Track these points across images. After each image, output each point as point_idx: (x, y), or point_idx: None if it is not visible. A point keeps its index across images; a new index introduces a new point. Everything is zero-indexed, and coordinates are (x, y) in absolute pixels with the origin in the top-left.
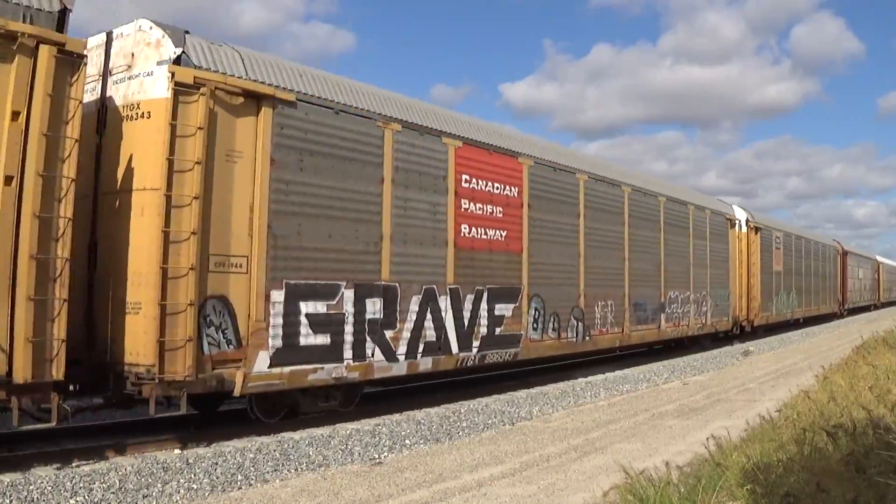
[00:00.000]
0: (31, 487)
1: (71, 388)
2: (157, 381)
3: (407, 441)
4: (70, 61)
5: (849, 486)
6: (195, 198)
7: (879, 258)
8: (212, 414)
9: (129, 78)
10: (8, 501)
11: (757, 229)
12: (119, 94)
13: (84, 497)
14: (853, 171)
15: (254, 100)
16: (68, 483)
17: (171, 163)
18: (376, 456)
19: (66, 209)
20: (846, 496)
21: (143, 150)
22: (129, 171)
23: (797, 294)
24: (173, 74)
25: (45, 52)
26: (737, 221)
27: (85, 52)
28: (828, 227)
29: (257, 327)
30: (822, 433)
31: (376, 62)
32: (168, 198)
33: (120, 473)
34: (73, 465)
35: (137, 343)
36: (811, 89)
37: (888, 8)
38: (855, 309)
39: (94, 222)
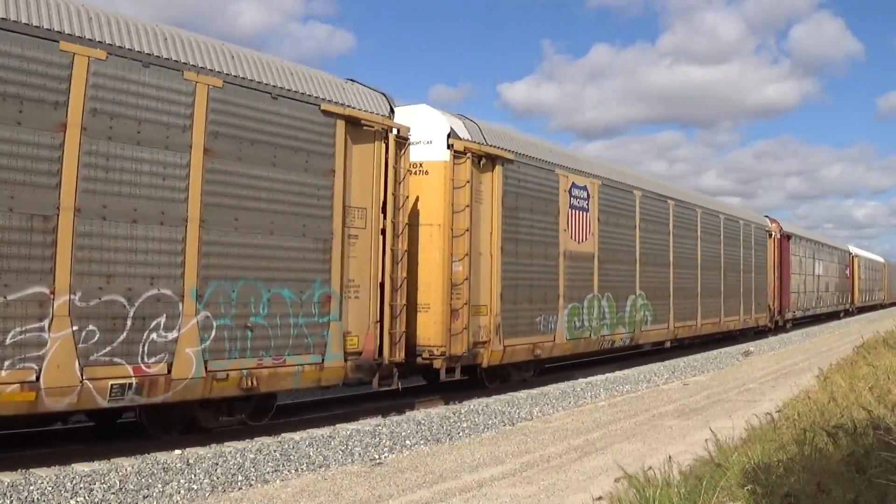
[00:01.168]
0: (31, 488)
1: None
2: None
3: (407, 441)
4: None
5: (849, 486)
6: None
7: (854, 249)
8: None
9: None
10: (8, 502)
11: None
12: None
13: (84, 497)
14: (853, 172)
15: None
16: (68, 483)
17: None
18: (377, 456)
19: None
20: (847, 496)
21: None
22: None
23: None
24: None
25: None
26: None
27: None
28: (827, 226)
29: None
30: (823, 433)
31: (375, 62)
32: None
33: (120, 474)
34: (74, 465)
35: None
36: (810, 89)
37: (887, 8)
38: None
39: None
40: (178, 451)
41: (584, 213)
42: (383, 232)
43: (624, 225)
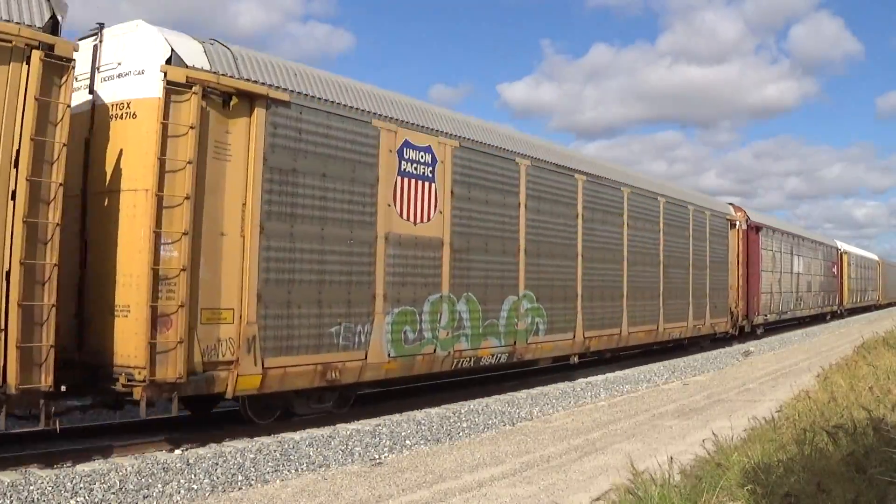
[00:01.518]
0: (31, 488)
1: None
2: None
3: (407, 441)
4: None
5: (849, 486)
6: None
7: (844, 245)
8: None
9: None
10: (8, 502)
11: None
12: None
13: (84, 497)
14: (852, 172)
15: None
16: (69, 483)
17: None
18: (377, 456)
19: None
20: (847, 496)
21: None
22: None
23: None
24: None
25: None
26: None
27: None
28: (827, 226)
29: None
30: (823, 433)
31: (375, 62)
32: None
33: (120, 474)
34: (73, 465)
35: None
36: (810, 89)
37: (886, 8)
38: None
39: None
40: (178, 451)
41: (427, 185)
42: (13, 196)
43: (498, 203)
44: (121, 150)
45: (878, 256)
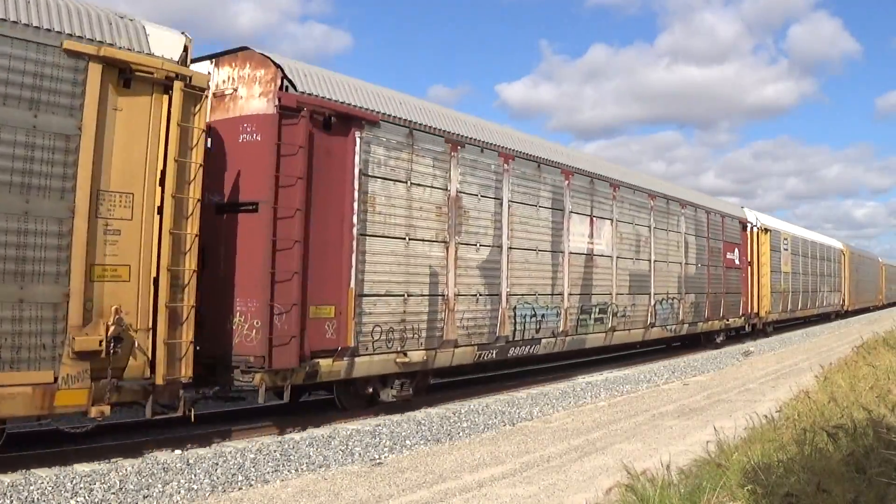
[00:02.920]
0: (31, 488)
1: None
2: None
3: (407, 441)
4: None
5: (849, 486)
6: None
7: (763, 217)
8: None
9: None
10: (8, 502)
11: None
12: None
13: (84, 497)
14: (852, 172)
15: None
16: (69, 483)
17: None
18: (377, 456)
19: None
20: (846, 496)
21: None
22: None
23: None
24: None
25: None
26: None
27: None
28: (827, 227)
29: None
30: (823, 433)
31: (373, 63)
32: None
33: (120, 474)
34: (74, 465)
35: None
36: (808, 89)
37: (885, 8)
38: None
39: None
40: (178, 451)
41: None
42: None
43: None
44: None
45: (842, 244)
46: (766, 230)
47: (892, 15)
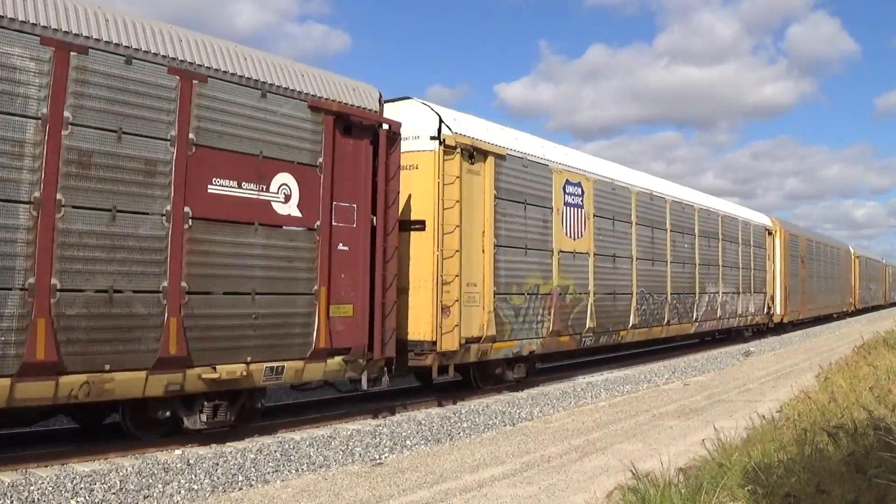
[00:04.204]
0: (31, 488)
1: None
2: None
3: (408, 442)
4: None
5: (849, 486)
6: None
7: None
8: None
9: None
10: (8, 502)
11: None
12: None
13: (85, 497)
14: (851, 172)
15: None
16: (69, 483)
17: None
18: (377, 457)
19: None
20: (847, 497)
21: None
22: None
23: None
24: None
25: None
26: None
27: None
28: (826, 227)
29: None
30: (823, 434)
31: (372, 63)
32: None
33: (121, 474)
34: (74, 465)
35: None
36: (807, 89)
37: (883, 8)
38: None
39: None
40: (178, 451)
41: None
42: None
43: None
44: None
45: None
46: None
47: (890, 15)
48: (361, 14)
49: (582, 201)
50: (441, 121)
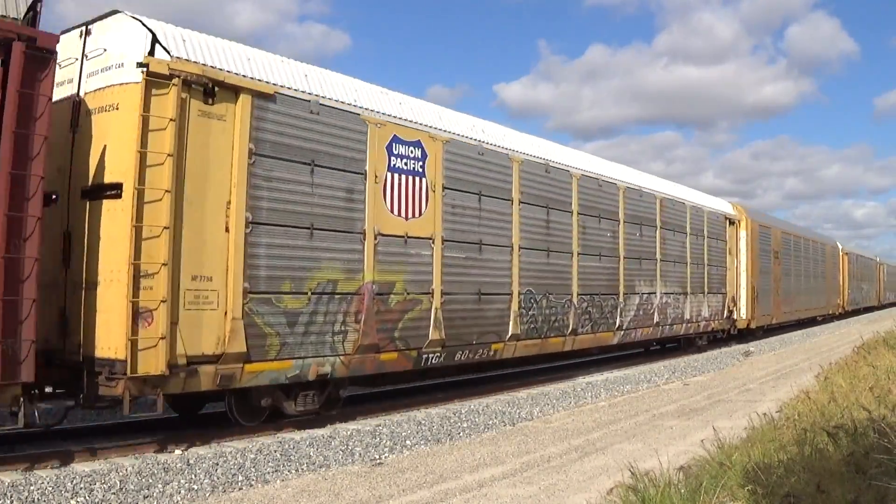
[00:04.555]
0: (31, 488)
1: None
2: None
3: (408, 441)
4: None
5: (849, 486)
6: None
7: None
8: None
9: None
10: (8, 502)
11: None
12: None
13: (85, 497)
14: (851, 172)
15: None
16: (69, 483)
17: None
18: (377, 456)
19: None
20: (846, 497)
21: None
22: None
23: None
24: None
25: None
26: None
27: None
28: (826, 227)
29: None
30: (823, 434)
31: (372, 63)
32: None
33: (121, 474)
34: (74, 465)
35: None
36: (807, 89)
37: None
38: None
39: None
40: (178, 451)
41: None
42: None
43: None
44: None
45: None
46: None
47: (889, 15)
48: (361, 14)
49: (422, 168)
50: (155, 40)
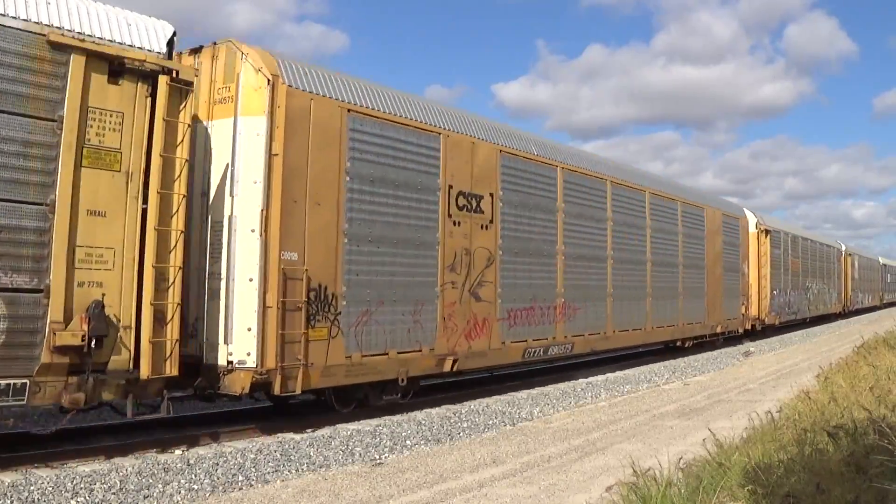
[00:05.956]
0: (31, 488)
1: None
2: None
3: (408, 442)
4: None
5: (849, 486)
6: None
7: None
8: None
9: None
10: (8, 502)
11: None
12: None
13: (85, 498)
14: (850, 172)
15: None
16: (69, 483)
17: None
18: (377, 456)
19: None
20: (846, 497)
21: None
22: None
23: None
24: None
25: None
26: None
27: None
28: (826, 227)
29: None
30: (823, 434)
31: (370, 63)
32: None
33: (121, 474)
34: (74, 465)
35: None
36: (806, 89)
37: (881, 8)
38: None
39: None
40: (178, 451)
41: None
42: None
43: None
44: None
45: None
46: None
47: (888, 15)
48: (359, 14)
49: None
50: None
